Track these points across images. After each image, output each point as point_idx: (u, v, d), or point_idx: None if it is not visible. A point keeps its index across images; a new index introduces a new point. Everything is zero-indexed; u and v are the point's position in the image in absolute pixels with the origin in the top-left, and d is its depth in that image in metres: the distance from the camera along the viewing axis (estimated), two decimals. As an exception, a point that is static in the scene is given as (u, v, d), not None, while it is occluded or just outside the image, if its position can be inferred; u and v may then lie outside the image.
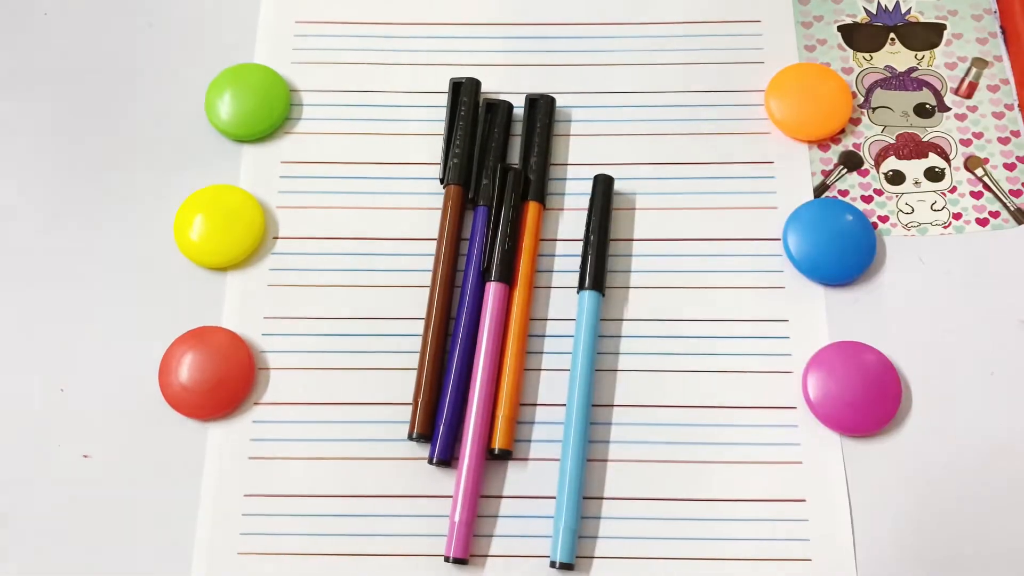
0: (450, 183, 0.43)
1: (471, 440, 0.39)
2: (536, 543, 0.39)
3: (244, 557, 0.39)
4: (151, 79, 0.47)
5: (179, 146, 0.45)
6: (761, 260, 0.43)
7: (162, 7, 0.48)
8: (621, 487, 0.39)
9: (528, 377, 0.41)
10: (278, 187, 0.45)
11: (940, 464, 0.40)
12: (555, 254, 0.43)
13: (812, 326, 0.42)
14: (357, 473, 0.40)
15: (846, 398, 0.40)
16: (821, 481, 0.39)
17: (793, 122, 0.45)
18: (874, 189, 0.44)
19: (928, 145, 0.45)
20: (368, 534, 0.39)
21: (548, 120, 0.45)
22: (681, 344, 0.42)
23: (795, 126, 0.45)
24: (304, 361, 0.42)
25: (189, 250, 0.43)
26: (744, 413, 0.41)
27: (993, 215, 0.44)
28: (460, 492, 0.38)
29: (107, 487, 0.40)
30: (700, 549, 0.39)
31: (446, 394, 0.40)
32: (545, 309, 0.42)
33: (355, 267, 0.43)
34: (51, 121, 0.46)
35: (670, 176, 0.45)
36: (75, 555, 0.39)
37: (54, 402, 0.41)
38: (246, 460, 0.40)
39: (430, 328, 0.41)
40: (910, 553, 0.38)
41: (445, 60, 0.47)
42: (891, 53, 0.47)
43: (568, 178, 0.45)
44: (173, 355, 0.41)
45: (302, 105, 0.46)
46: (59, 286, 0.43)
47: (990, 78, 0.47)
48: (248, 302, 0.43)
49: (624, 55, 0.47)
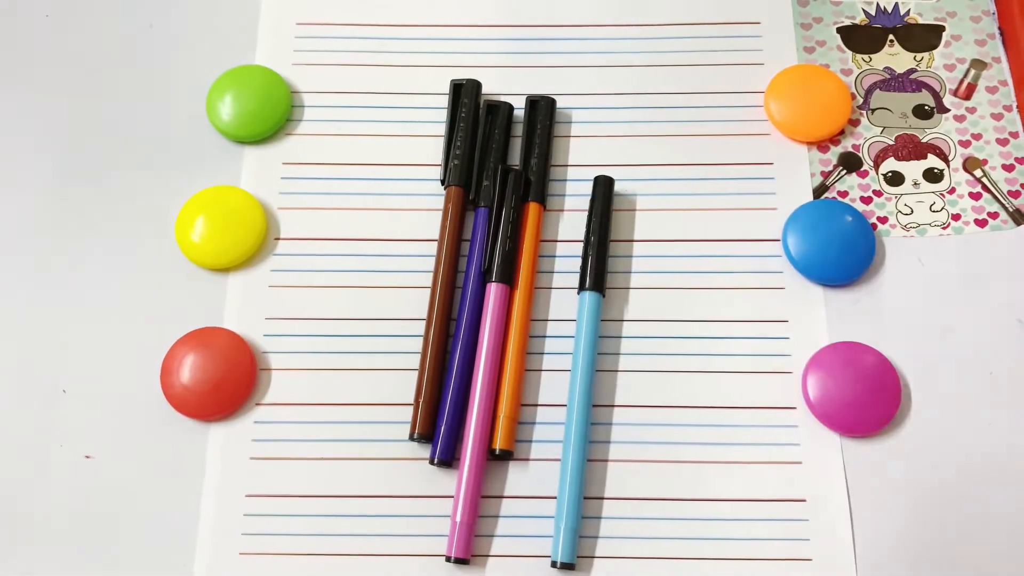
0: (451, 184, 0.44)
1: (472, 440, 0.39)
2: (537, 543, 0.39)
3: (246, 557, 0.39)
4: (152, 81, 0.47)
5: (180, 147, 0.45)
6: (761, 261, 0.43)
7: (163, 9, 0.48)
8: (622, 487, 0.40)
9: (529, 377, 0.41)
10: (279, 188, 0.45)
11: (940, 464, 0.40)
12: (556, 255, 0.43)
13: (812, 327, 0.42)
14: (358, 473, 0.40)
15: (846, 398, 0.40)
16: (821, 481, 0.40)
17: (792, 123, 0.45)
18: (873, 190, 0.45)
19: (927, 146, 0.45)
20: (369, 534, 0.39)
21: (548, 122, 0.45)
22: (681, 345, 0.42)
23: (794, 127, 0.45)
24: (305, 362, 0.42)
25: (191, 251, 0.43)
26: (744, 413, 0.41)
27: (992, 216, 0.44)
28: (461, 492, 0.39)
29: (109, 488, 0.40)
30: (701, 549, 0.39)
31: (447, 395, 0.40)
32: (546, 310, 0.42)
33: (356, 268, 0.43)
34: (52, 122, 0.46)
35: (670, 177, 0.45)
36: (76, 555, 0.39)
37: (56, 403, 0.41)
38: (247, 460, 0.40)
39: (431, 329, 0.41)
40: (910, 552, 0.38)
41: (445, 62, 0.47)
42: (890, 55, 0.47)
43: (569, 179, 0.45)
44: (175, 356, 0.41)
45: (303, 106, 0.46)
46: (61, 287, 0.43)
47: (989, 79, 0.47)
48: (250, 303, 0.43)
49: (624, 56, 0.47)
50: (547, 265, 0.43)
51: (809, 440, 0.40)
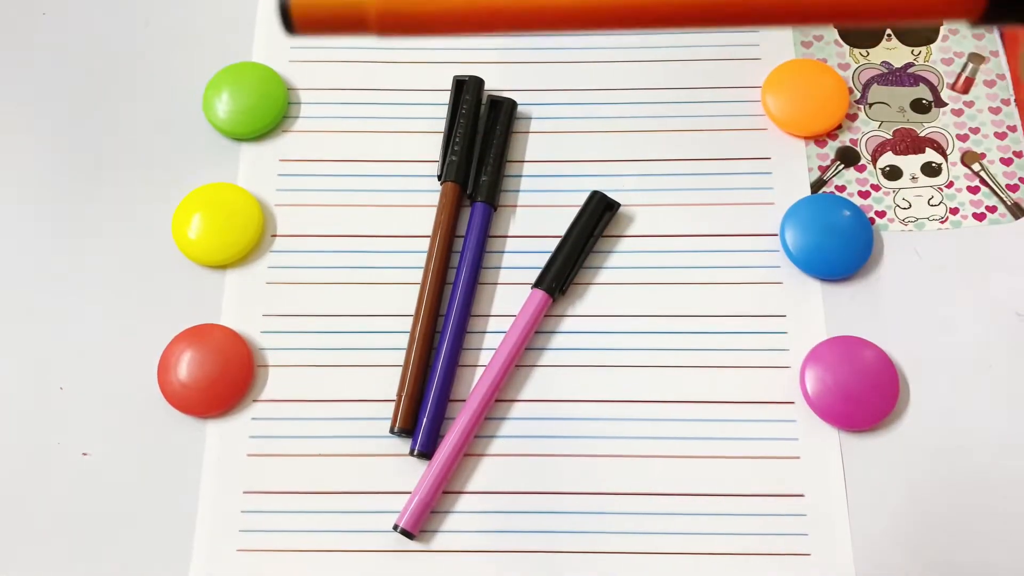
0: (447, 180, 0.44)
1: (454, 432, 0.39)
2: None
3: (243, 554, 0.39)
4: (149, 78, 0.47)
5: (177, 144, 0.45)
6: (758, 256, 0.43)
7: (160, 6, 0.48)
8: (619, 482, 0.39)
9: (519, 373, 0.41)
10: (276, 185, 0.45)
11: (938, 458, 0.40)
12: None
13: (810, 321, 0.42)
14: (357, 470, 0.40)
15: (844, 393, 0.40)
16: (819, 476, 0.40)
17: (790, 118, 0.45)
18: (871, 184, 0.45)
19: (925, 140, 0.45)
20: (369, 530, 0.39)
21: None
22: (679, 339, 0.42)
23: (792, 122, 0.45)
24: (303, 358, 0.42)
25: (187, 248, 0.43)
26: (742, 408, 0.41)
27: (990, 210, 0.44)
28: (430, 474, 0.39)
29: (106, 485, 0.40)
30: (699, 544, 0.39)
31: (430, 389, 0.40)
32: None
33: (354, 264, 0.43)
34: (49, 120, 0.46)
35: (668, 172, 0.45)
36: (75, 552, 0.39)
37: (53, 400, 0.41)
38: (245, 457, 0.40)
39: (418, 324, 0.41)
40: (908, 547, 0.38)
41: (442, 58, 0.47)
42: (888, 49, 0.47)
43: (566, 175, 0.45)
44: (172, 353, 0.41)
45: (300, 103, 0.46)
46: (57, 284, 0.43)
47: (986, 73, 0.47)
48: (247, 300, 0.43)
49: (621, 52, 0.47)
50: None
51: (807, 435, 0.40)
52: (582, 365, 0.41)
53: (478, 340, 0.42)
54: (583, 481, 0.39)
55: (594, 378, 0.41)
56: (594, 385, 0.41)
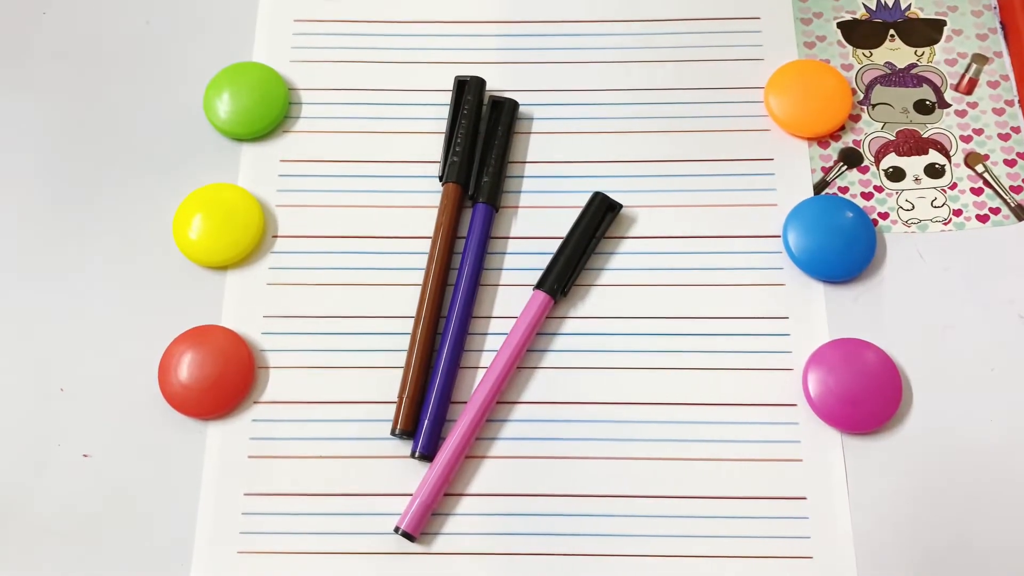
0: (448, 181, 0.43)
1: (455, 433, 0.39)
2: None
3: (243, 556, 0.39)
4: (149, 78, 0.47)
5: (178, 145, 0.45)
6: (761, 257, 0.43)
7: (160, 6, 0.48)
8: (620, 485, 0.39)
9: (520, 375, 0.41)
10: (277, 186, 0.45)
11: (940, 461, 0.40)
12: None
13: (812, 323, 0.42)
14: (357, 471, 0.40)
15: (846, 395, 0.40)
16: (822, 478, 0.39)
17: (793, 119, 0.45)
18: (874, 186, 0.44)
19: (928, 142, 0.45)
20: (370, 533, 0.39)
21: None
22: (681, 341, 0.42)
23: (795, 123, 0.45)
24: (304, 359, 0.42)
25: (188, 249, 0.43)
26: (744, 410, 0.40)
27: (993, 211, 0.44)
28: (432, 476, 0.39)
29: (107, 486, 0.40)
30: (701, 547, 0.39)
31: (432, 390, 0.40)
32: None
33: (355, 265, 0.43)
34: (49, 120, 0.46)
35: (670, 173, 0.45)
36: (75, 554, 0.39)
37: (53, 401, 0.41)
38: (246, 459, 0.40)
39: (419, 325, 0.41)
40: (910, 550, 0.38)
41: (442, 58, 0.47)
42: (891, 49, 0.47)
43: (568, 176, 0.45)
44: (173, 354, 0.41)
45: (301, 103, 0.46)
46: (58, 285, 0.43)
47: (990, 74, 0.46)
48: (247, 301, 0.42)
49: (624, 52, 0.47)
50: (536, 263, 0.43)
51: (809, 437, 0.40)
52: (584, 367, 0.41)
53: (479, 342, 0.42)
54: (585, 484, 0.39)
55: (596, 380, 0.41)
56: (596, 387, 0.41)
